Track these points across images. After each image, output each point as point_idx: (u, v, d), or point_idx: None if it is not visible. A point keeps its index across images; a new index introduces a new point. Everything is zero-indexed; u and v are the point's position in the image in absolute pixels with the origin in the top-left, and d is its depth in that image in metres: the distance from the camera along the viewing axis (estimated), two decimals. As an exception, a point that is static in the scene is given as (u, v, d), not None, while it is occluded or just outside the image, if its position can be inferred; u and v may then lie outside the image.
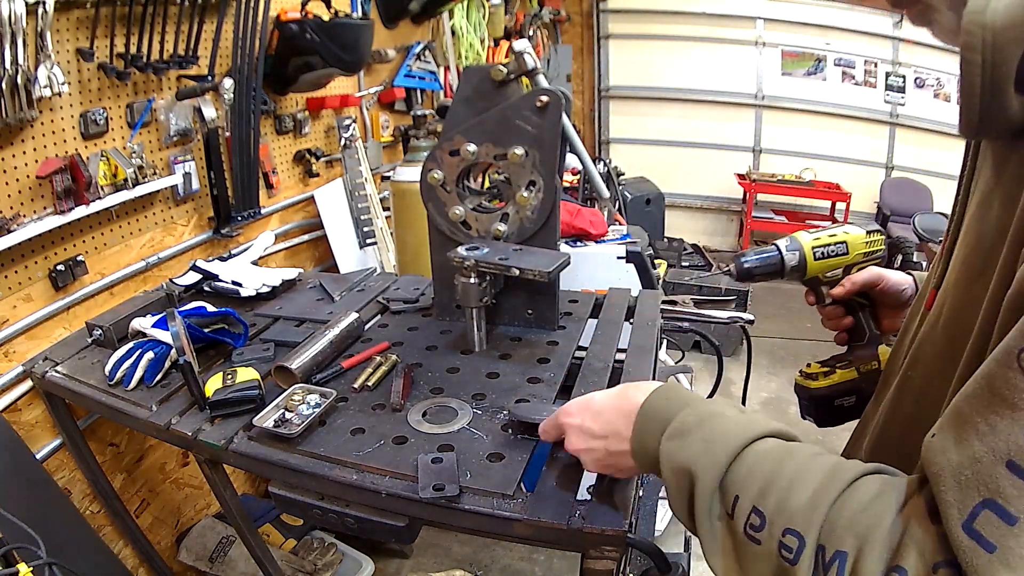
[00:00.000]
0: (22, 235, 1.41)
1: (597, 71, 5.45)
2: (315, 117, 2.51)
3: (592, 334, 1.40)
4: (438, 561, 2.24)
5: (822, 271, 0.98)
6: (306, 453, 1.03)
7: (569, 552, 0.98)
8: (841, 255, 0.97)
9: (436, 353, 1.34)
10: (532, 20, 4.43)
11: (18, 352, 1.49)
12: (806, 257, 0.97)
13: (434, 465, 0.96)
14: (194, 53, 1.82)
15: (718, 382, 2.24)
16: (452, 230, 1.37)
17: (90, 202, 1.55)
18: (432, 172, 1.33)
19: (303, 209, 2.48)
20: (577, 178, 3.43)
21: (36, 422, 1.53)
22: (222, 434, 1.10)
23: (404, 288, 1.69)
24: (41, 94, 1.41)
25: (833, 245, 0.97)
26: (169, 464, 1.92)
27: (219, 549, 1.88)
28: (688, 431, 0.64)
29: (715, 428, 0.62)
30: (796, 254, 0.97)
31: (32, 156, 1.47)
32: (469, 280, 1.27)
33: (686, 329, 2.04)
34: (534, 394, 1.16)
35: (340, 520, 1.03)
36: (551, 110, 1.22)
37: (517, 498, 0.92)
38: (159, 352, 1.29)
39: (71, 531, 1.52)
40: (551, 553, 2.25)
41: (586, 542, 0.87)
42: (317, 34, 2.10)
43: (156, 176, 1.74)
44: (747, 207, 4.84)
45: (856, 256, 0.97)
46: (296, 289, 1.75)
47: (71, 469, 1.60)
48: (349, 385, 1.21)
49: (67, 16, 1.50)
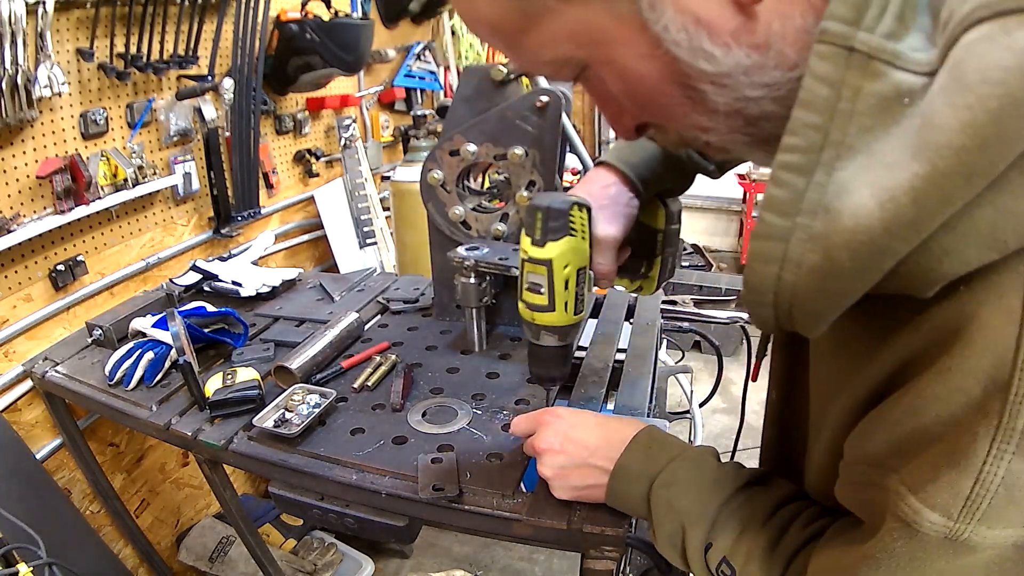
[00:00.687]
0: (22, 235, 1.41)
1: (597, 71, 5.45)
2: (315, 117, 2.51)
3: (592, 334, 1.40)
4: (438, 561, 2.24)
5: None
6: (306, 453, 1.03)
7: (569, 552, 0.98)
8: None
9: (436, 353, 1.34)
10: (532, 20, 4.43)
11: (18, 352, 1.49)
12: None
13: (434, 465, 0.96)
14: (194, 53, 1.82)
15: (718, 382, 2.25)
16: (452, 230, 1.37)
17: (90, 202, 1.55)
18: (432, 172, 1.33)
19: (303, 209, 2.48)
20: (577, 178, 3.43)
21: (36, 422, 1.53)
22: (222, 434, 1.10)
23: (404, 288, 1.69)
24: (41, 94, 1.41)
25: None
26: (169, 464, 1.92)
27: (219, 549, 1.88)
28: (676, 482, 0.67)
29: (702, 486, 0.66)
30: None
31: (32, 156, 1.47)
32: (469, 280, 1.27)
33: (686, 329, 2.05)
34: (534, 394, 1.16)
35: (340, 520, 1.04)
36: (551, 110, 1.22)
37: (517, 498, 0.91)
38: (159, 352, 1.29)
39: (71, 531, 1.51)
40: (551, 553, 2.25)
41: (586, 542, 0.87)
42: (317, 34, 2.10)
43: (156, 176, 1.74)
44: (747, 207, 4.84)
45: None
46: (296, 289, 1.75)
47: (71, 469, 1.60)
48: (349, 385, 1.21)
49: (67, 16, 1.50)
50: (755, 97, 0.43)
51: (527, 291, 0.77)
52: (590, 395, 1.16)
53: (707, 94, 0.43)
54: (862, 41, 0.36)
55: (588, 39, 0.44)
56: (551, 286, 0.75)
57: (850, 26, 0.36)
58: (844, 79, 0.36)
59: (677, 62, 0.42)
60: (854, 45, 0.36)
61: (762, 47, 0.41)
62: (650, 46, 0.42)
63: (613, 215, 0.80)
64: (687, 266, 4.50)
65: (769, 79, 0.42)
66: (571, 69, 0.47)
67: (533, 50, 0.46)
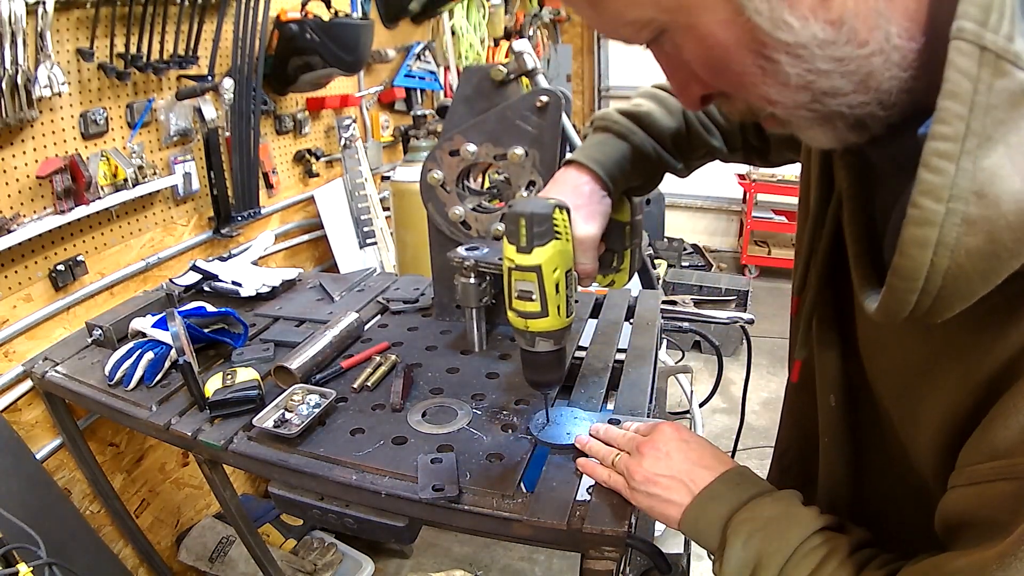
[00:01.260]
0: (22, 235, 1.41)
1: (597, 71, 5.44)
2: (315, 117, 2.51)
3: (592, 334, 1.40)
4: (438, 561, 2.24)
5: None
6: (306, 453, 1.03)
7: (569, 552, 0.98)
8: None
9: (436, 353, 1.34)
10: (532, 20, 4.43)
11: (18, 352, 1.49)
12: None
13: (434, 465, 0.96)
14: (194, 53, 1.82)
15: (718, 382, 2.25)
16: (452, 230, 1.37)
17: (90, 202, 1.55)
18: (432, 172, 1.33)
19: (303, 209, 2.48)
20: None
21: (36, 422, 1.53)
22: (222, 434, 1.10)
23: (404, 288, 1.69)
24: (41, 94, 1.41)
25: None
26: (169, 464, 1.92)
27: (219, 549, 1.88)
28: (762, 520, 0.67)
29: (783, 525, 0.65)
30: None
31: (32, 156, 1.47)
32: (469, 280, 1.27)
33: (686, 329, 2.05)
34: (534, 394, 1.16)
35: (340, 520, 1.04)
36: (551, 110, 1.22)
37: (517, 498, 0.92)
38: (159, 352, 1.29)
39: (71, 531, 1.51)
40: (551, 553, 2.25)
41: (586, 542, 0.87)
42: (317, 34, 2.10)
43: (156, 176, 1.74)
44: (747, 207, 4.84)
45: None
46: (296, 289, 1.75)
47: (71, 469, 1.60)
48: (349, 385, 1.21)
49: (67, 16, 1.50)
50: (826, 70, 0.44)
51: (517, 299, 0.77)
52: (590, 395, 1.16)
53: (781, 64, 0.45)
54: (991, 41, 0.38)
55: (673, 2, 0.46)
56: (542, 292, 0.75)
57: (981, 26, 0.38)
58: (980, 75, 0.38)
59: (756, 30, 0.44)
60: (986, 44, 0.38)
61: (836, 23, 0.43)
62: (732, 12, 0.44)
63: (590, 214, 0.80)
64: (687, 266, 4.50)
65: (841, 54, 0.44)
66: (649, 32, 0.49)
67: (616, 9, 0.48)
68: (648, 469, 0.78)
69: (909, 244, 0.42)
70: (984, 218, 0.40)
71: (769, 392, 3.24)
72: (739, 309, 3.60)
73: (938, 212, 0.40)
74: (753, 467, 0.75)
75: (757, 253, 4.68)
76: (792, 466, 0.85)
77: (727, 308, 3.55)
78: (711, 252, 4.97)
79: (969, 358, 0.48)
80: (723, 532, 0.68)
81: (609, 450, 0.89)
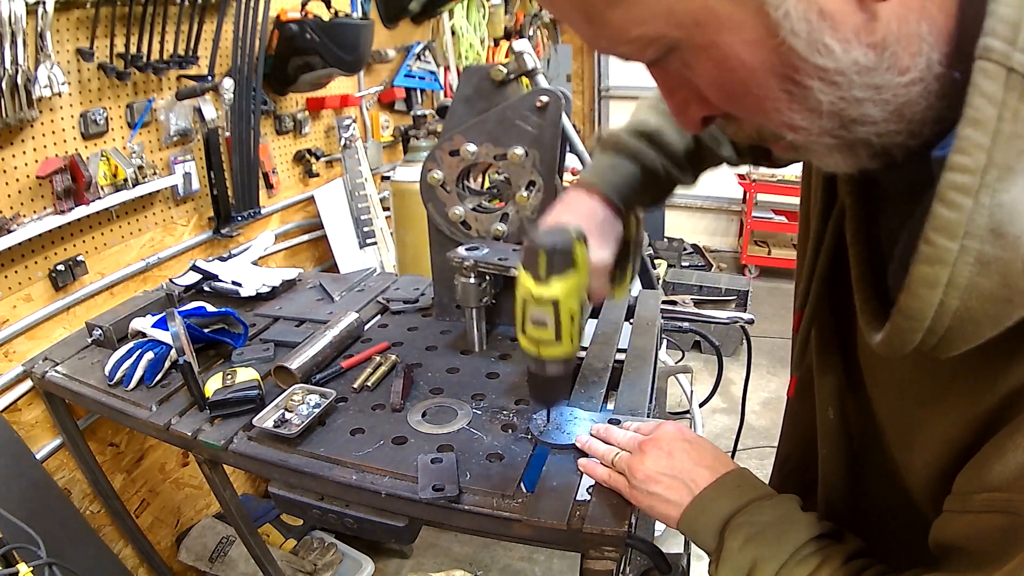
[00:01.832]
0: (22, 235, 1.41)
1: (597, 71, 5.44)
2: (315, 117, 2.50)
3: (592, 334, 1.40)
4: (438, 561, 2.24)
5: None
6: (306, 453, 1.03)
7: (569, 552, 0.98)
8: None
9: (436, 353, 1.34)
10: (532, 20, 4.43)
11: (18, 352, 1.49)
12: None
13: (434, 465, 0.96)
14: (194, 53, 1.82)
15: (718, 382, 2.25)
16: (452, 230, 1.37)
17: (90, 202, 1.55)
18: (432, 172, 1.33)
19: (303, 209, 2.48)
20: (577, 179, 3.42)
21: (36, 422, 1.53)
22: (222, 434, 1.10)
23: (404, 288, 1.69)
24: (41, 94, 1.41)
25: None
26: (169, 464, 1.92)
27: (219, 549, 1.88)
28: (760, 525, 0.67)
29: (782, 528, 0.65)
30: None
31: (32, 156, 1.47)
32: (469, 280, 1.27)
33: (686, 329, 2.05)
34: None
35: (340, 520, 1.04)
36: (551, 110, 1.22)
37: (517, 498, 0.91)
38: (159, 352, 1.29)
39: (71, 531, 1.51)
40: (551, 553, 2.25)
41: (586, 542, 0.87)
42: (317, 34, 2.10)
43: (156, 176, 1.74)
44: (747, 207, 4.84)
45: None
46: (296, 289, 1.75)
47: (71, 469, 1.60)
48: (349, 385, 1.21)
49: (67, 16, 1.50)
50: (860, 99, 0.40)
51: (531, 326, 0.77)
52: (590, 395, 1.16)
53: (812, 91, 0.40)
54: (1019, 63, 0.35)
55: (690, 19, 0.40)
56: (557, 322, 0.75)
57: (1009, 45, 0.35)
58: (1005, 100, 0.35)
59: (790, 53, 0.39)
60: (1013, 66, 0.35)
61: (879, 47, 0.39)
62: (764, 33, 0.39)
63: (604, 240, 0.81)
64: (687, 266, 4.50)
65: (880, 81, 0.40)
66: (655, 50, 0.43)
67: (618, 26, 0.42)
68: (650, 467, 0.78)
69: (918, 283, 0.39)
70: (1000, 259, 0.37)
71: (769, 392, 3.24)
72: (739, 309, 3.60)
73: (951, 250, 0.37)
74: (753, 467, 0.75)
75: (757, 253, 4.68)
76: (792, 474, 0.85)
77: (727, 308, 3.55)
78: (711, 252, 4.96)
79: (971, 391, 0.46)
80: (720, 534, 0.67)
81: (609, 449, 0.89)
